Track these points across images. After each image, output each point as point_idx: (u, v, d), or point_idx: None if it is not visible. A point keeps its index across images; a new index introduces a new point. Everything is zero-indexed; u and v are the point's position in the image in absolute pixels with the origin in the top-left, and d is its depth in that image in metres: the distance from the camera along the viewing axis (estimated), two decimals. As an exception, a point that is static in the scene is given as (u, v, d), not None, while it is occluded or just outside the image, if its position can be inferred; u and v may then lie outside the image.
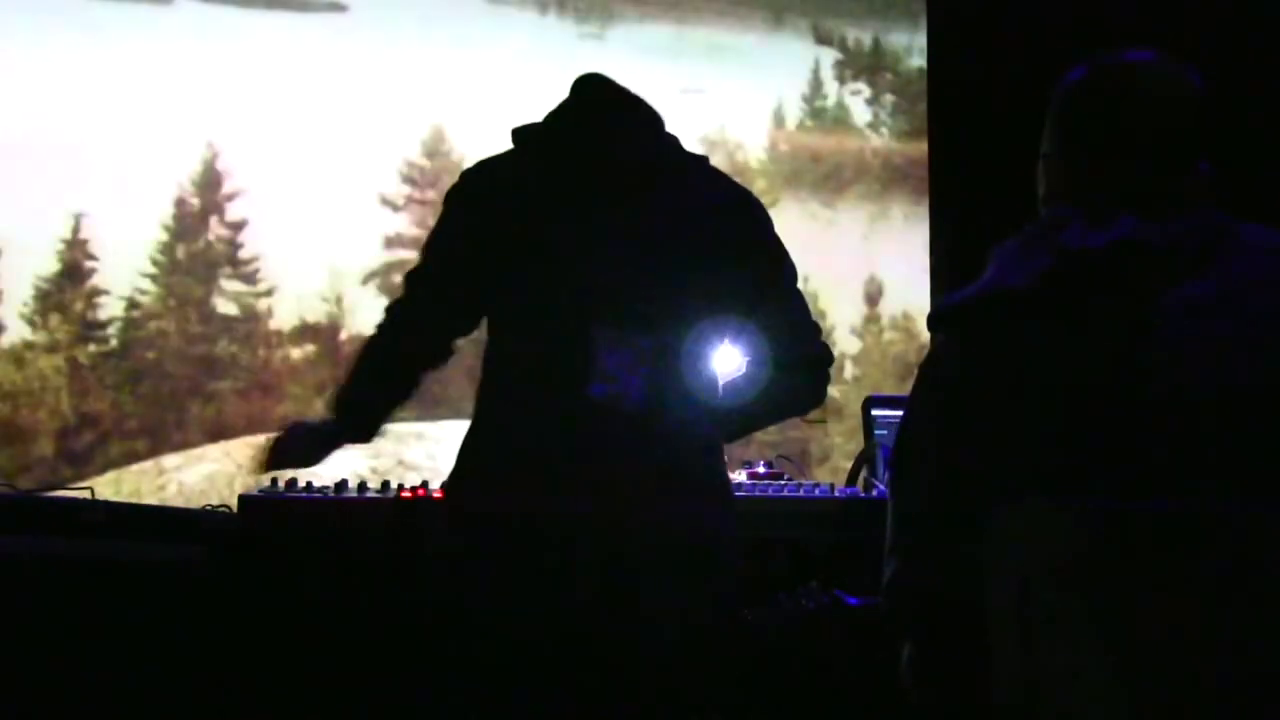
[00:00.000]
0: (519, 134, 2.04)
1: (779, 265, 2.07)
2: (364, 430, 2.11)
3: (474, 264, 2.00)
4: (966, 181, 3.96)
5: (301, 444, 2.12)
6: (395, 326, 2.08)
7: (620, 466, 1.87)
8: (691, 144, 2.09)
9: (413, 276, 2.08)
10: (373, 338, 2.10)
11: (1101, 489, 1.40)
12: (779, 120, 4.28)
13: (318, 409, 3.82)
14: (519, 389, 1.94)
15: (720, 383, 2.08)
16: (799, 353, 2.06)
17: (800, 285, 2.09)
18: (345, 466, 3.63)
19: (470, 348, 2.11)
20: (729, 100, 4.13)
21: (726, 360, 2.07)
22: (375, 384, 2.10)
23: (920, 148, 4.35)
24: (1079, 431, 1.42)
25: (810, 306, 2.12)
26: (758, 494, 2.55)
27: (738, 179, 2.14)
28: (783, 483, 2.62)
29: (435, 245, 2.06)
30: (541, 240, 1.94)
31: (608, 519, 1.85)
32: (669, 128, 2.06)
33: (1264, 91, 3.51)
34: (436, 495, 2.43)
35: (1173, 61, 1.56)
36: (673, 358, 1.94)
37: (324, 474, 2.44)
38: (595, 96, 2.03)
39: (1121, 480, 1.39)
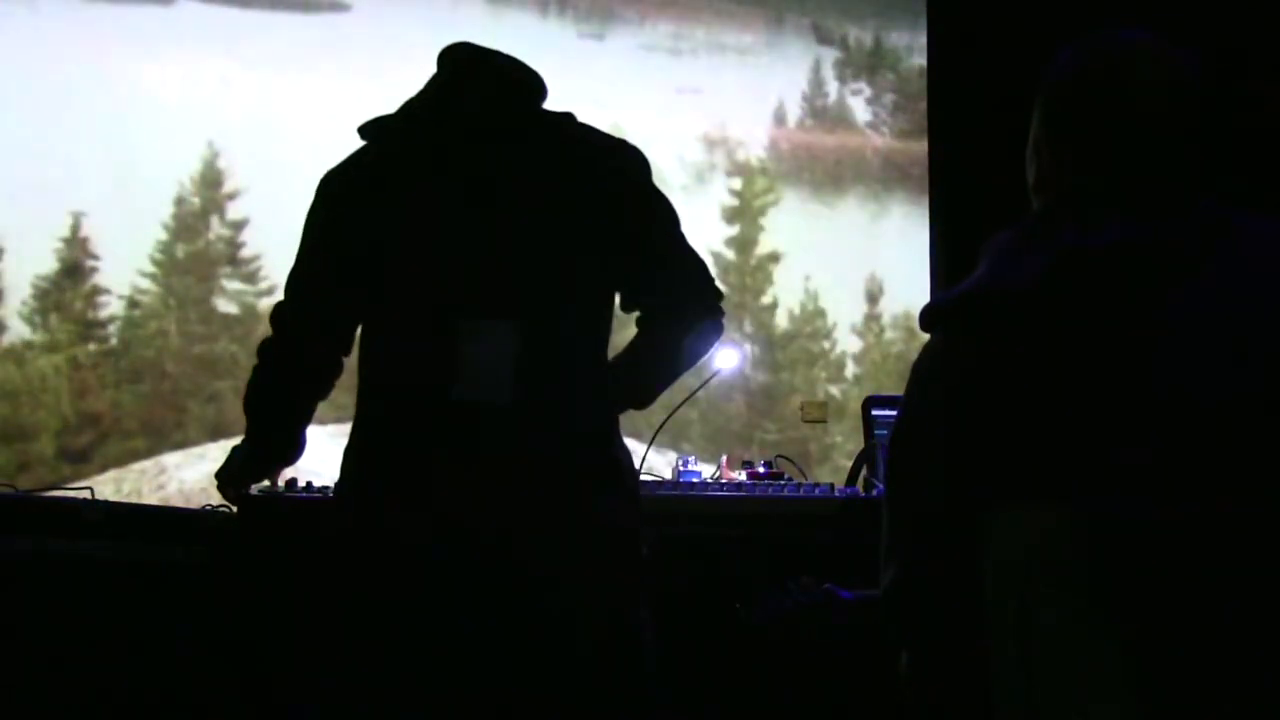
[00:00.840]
0: (365, 129, 1.99)
1: (653, 211, 1.98)
2: (283, 460, 2.12)
3: (337, 275, 1.95)
4: (966, 181, 3.96)
5: (235, 470, 2.15)
6: (277, 361, 2.03)
7: (497, 465, 1.79)
8: (691, 143, 2.07)
9: (282, 307, 2.03)
10: (259, 376, 2.05)
11: (1101, 491, 1.39)
12: (779, 119, 4.28)
13: (317, 409, 3.82)
14: (388, 394, 1.88)
15: (622, 347, 2.01)
16: (689, 295, 1.99)
17: (796, 280, 2.06)
18: (345, 466, 3.63)
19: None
20: (729, 100, 4.13)
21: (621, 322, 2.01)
22: (275, 424, 2.08)
23: (920, 147, 4.34)
24: (1078, 433, 1.41)
25: (812, 306, 2.09)
26: (758, 494, 2.55)
27: (738, 178, 2.11)
28: (783, 483, 2.62)
29: (299, 267, 2.01)
30: (396, 236, 1.88)
31: (490, 521, 1.78)
32: (669, 126, 2.03)
33: (1266, 86, 3.51)
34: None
35: (1169, 43, 1.50)
36: (546, 337, 1.85)
37: (324, 474, 2.45)
38: (448, 73, 1.97)
39: (1122, 482, 1.39)
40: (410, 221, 1.89)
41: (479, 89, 1.94)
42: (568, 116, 1.97)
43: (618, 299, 1.99)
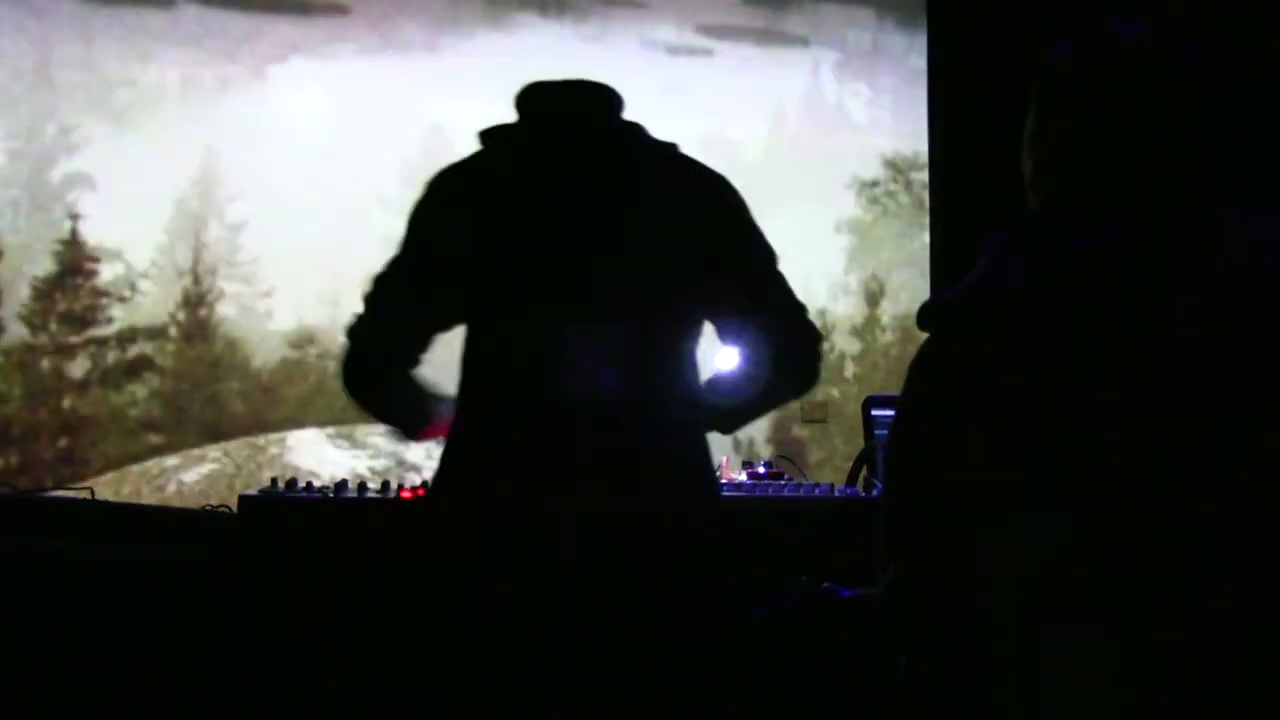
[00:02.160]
0: (486, 134, 2.01)
1: (757, 245, 2.02)
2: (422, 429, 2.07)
3: (446, 268, 1.95)
4: (966, 181, 3.96)
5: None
6: (368, 340, 2.00)
7: (598, 463, 1.82)
8: (690, 143, 2.07)
9: (380, 286, 2.00)
10: (354, 364, 2.01)
11: (1101, 492, 1.39)
12: (779, 120, 4.28)
13: (316, 409, 3.83)
14: (494, 391, 1.90)
15: (712, 373, 2.04)
16: (787, 336, 2.02)
17: (796, 281, 2.06)
18: (345, 466, 3.64)
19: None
20: (729, 100, 4.13)
21: (721, 354, 2.04)
22: (399, 415, 2.04)
23: (920, 147, 4.35)
24: (1078, 434, 1.41)
25: (812, 306, 2.09)
26: (758, 494, 2.55)
27: (738, 179, 2.11)
28: (783, 483, 2.62)
29: (407, 251, 1.99)
30: (509, 237, 1.90)
31: (590, 519, 1.80)
32: (668, 126, 2.04)
33: (1266, 82, 3.51)
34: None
35: (1169, 34, 1.48)
36: (647, 346, 1.89)
37: (324, 474, 2.44)
38: (556, 99, 1.99)
39: (1122, 483, 1.38)
40: (524, 225, 1.91)
41: (590, 109, 1.98)
42: (673, 145, 2.03)
43: (714, 328, 2.02)
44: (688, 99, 3.95)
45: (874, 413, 2.88)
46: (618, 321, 1.87)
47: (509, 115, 2.03)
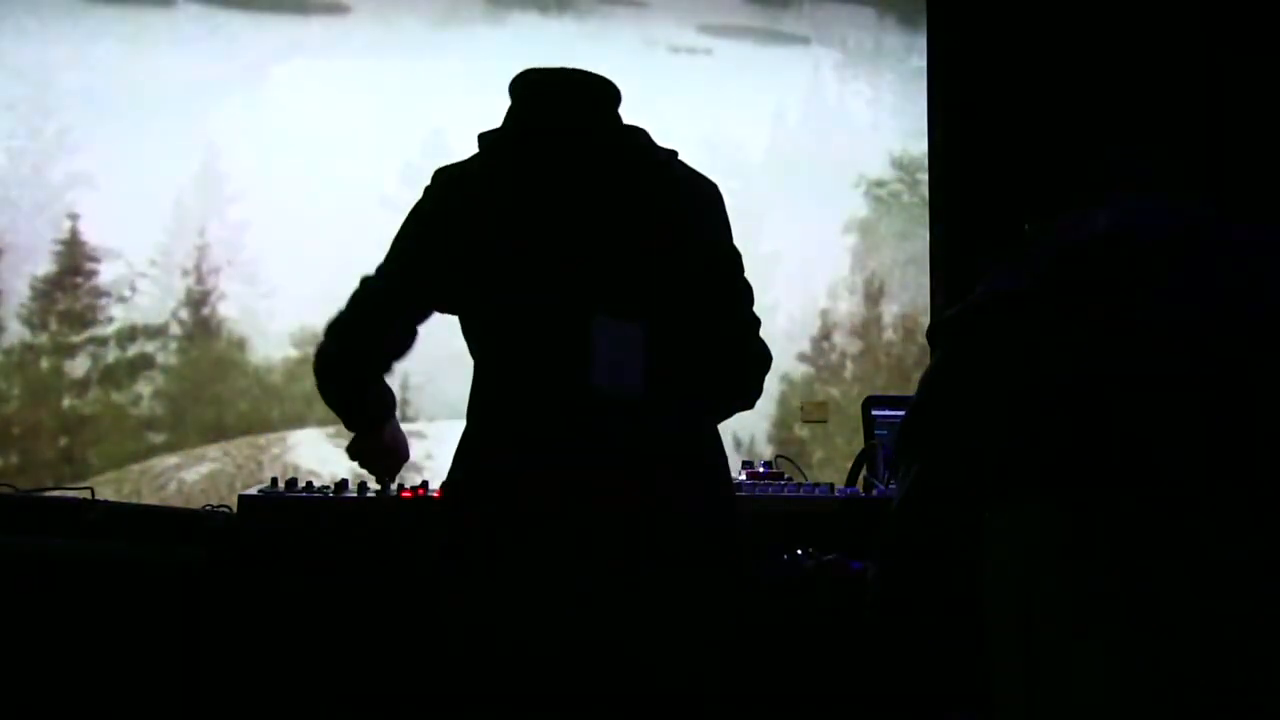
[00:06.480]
0: (485, 136, 2.02)
1: (734, 261, 2.06)
2: (384, 418, 2.10)
3: (444, 265, 1.95)
4: (966, 181, 3.96)
5: (359, 447, 2.13)
6: (346, 326, 2.01)
7: (629, 457, 1.83)
8: (691, 143, 2.07)
9: (372, 280, 2.02)
10: (329, 385, 2.02)
11: (1099, 485, 1.40)
12: (779, 120, 4.28)
13: (317, 410, 3.82)
14: (518, 385, 1.90)
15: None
16: (750, 348, 2.05)
17: (796, 281, 2.07)
18: (346, 465, 3.64)
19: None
20: (729, 100, 4.13)
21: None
22: (361, 411, 2.06)
23: (920, 147, 4.34)
24: (1075, 430, 1.42)
25: (813, 306, 2.10)
26: (758, 494, 2.55)
27: (739, 179, 2.12)
28: (783, 483, 2.62)
29: (402, 246, 2.00)
30: (524, 235, 1.90)
31: (618, 512, 1.81)
32: (669, 128, 2.05)
33: (1257, 91, 3.52)
34: (436, 495, 2.43)
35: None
36: (668, 343, 1.91)
37: (324, 473, 2.44)
38: (552, 89, 2.00)
39: (1120, 476, 1.39)
40: (534, 223, 1.91)
41: (588, 105, 2.00)
42: (675, 152, 2.05)
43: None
44: (688, 99, 3.96)
45: (874, 413, 2.88)
46: (644, 318, 1.89)
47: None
